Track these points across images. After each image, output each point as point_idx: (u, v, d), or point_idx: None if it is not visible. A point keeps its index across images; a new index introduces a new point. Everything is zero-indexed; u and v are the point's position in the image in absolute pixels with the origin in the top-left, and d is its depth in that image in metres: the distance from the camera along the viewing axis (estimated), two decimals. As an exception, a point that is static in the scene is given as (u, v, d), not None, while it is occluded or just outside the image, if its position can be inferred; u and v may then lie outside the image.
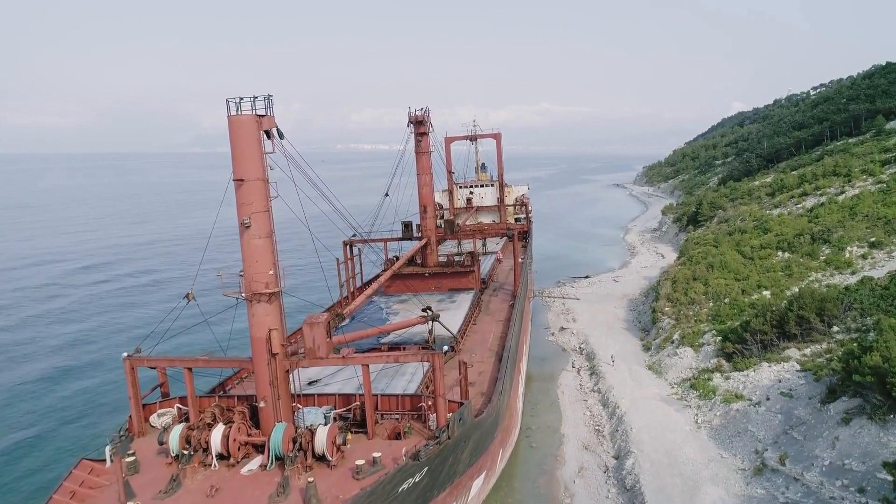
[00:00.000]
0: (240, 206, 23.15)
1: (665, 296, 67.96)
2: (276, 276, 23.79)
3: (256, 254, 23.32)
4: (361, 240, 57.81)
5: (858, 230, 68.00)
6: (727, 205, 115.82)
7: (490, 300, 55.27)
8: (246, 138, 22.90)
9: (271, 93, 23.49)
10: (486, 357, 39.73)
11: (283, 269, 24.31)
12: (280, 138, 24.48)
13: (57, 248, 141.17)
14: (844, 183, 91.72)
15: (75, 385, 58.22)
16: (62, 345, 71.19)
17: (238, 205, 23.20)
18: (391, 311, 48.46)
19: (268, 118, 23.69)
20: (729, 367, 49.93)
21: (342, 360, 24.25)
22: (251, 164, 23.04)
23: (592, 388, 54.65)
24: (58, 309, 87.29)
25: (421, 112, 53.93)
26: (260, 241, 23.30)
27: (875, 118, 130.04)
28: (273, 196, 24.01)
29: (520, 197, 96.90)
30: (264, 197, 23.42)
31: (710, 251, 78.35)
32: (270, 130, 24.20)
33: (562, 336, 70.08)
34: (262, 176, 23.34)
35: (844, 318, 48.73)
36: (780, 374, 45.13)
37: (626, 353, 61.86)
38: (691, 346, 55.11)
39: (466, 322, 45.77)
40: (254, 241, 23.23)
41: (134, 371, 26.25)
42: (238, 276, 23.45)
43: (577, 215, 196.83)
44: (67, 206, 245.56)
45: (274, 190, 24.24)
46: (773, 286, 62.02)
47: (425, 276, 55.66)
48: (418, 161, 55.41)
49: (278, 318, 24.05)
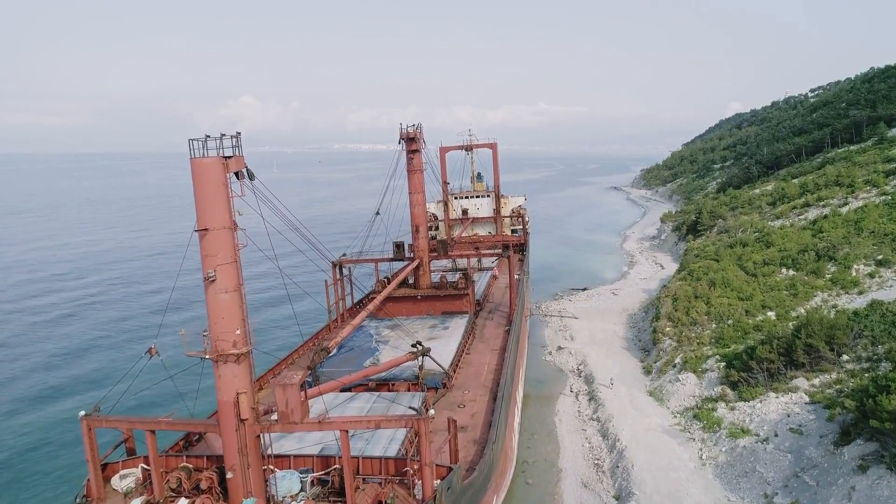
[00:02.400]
0: (204, 258, 20.92)
1: (666, 315, 65.86)
2: (244, 334, 21.57)
3: (223, 310, 21.10)
4: (351, 260, 55.80)
5: (865, 247, 65.99)
6: (727, 214, 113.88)
7: (485, 324, 53.08)
8: (211, 183, 20.67)
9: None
10: (479, 394, 37.56)
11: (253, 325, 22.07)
12: (250, 179, 22.24)
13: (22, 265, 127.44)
14: (848, 194, 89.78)
15: (26, 445, 49.81)
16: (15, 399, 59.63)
17: (202, 256, 20.97)
18: (381, 339, 46.24)
19: (236, 159, 21.46)
20: (734, 395, 47.84)
21: (318, 425, 22.07)
22: (217, 211, 20.81)
23: (591, 416, 52.50)
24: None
25: (413, 128, 51.77)
26: (226, 296, 21.07)
27: (877, 125, 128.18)
28: (242, 245, 21.75)
29: (516, 208, 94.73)
30: (231, 247, 21.19)
31: (711, 266, 76.30)
32: (241, 171, 21.96)
33: (559, 356, 67.92)
34: (229, 223, 21.10)
35: (854, 346, 46.68)
36: (789, 406, 43.05)
37: (626, 375, 59.78)
38: (694, 371, 53.00)
39: (459, 352, 43.59)
40: (220, 296, 21.00)
41: (91, 432, 23.99)
42: (202, 335, 21.22)
43: (574, 220, 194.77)
44: (53, 211, 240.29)
45: (243, 237, 21.99)
46: (778, 307, 59.99)
47: (417, 299, 53.45)
48: (410, 179, 53.23)
49: (247, 380, 21.82)
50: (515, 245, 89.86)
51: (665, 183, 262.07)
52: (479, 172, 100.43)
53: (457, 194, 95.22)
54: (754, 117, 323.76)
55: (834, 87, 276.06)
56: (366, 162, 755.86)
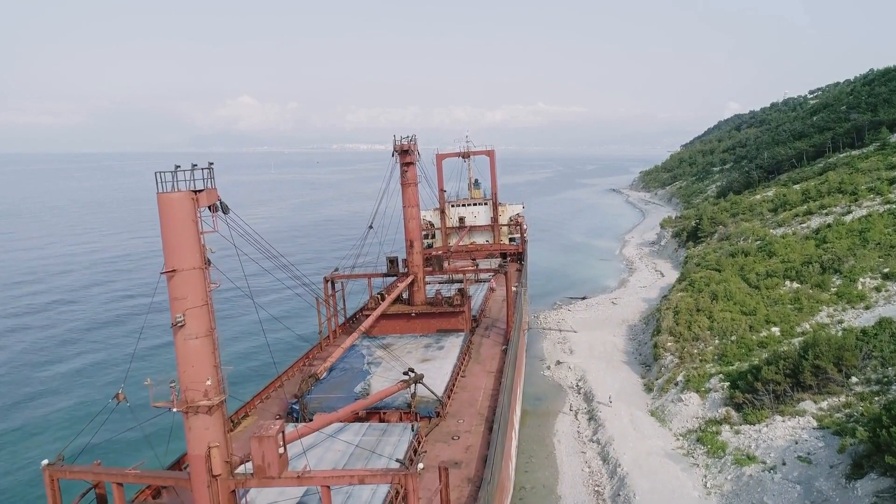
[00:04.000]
0: (172, 302, 19.24)
1: (667, 329, 64.23)
2: (217, 382, 19.89)
3: (193, 357, 19.42)
4: (343, 275, 54.19)
5: (871, 259, 64.45)
6: (728, 220, 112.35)
7: (481, 342, 51.42)
8: (179, 220, 18.98)
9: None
10: (474, 424, 35.91)
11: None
12: (224, 213, 20.56)
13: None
14: (851, 202, 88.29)
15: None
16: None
17: (170, 299, 19.28)
18: (373, 360, 44.53)
19: (208, 192, 19.78)
20: (738, 418, 46.27)
21: (297, 480, 20.40)
22: (186, 250, 19.13)
23: (591, 438, 50.85)
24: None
25: (407, 141, 50.15)
26: (197, 342, 19.39)
27: (879, 130, 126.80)
28: (214, 285, 20.06)
29: (514, 216, 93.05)
30: (202, 288, 19.51)
31: (712, 277, 74.72)
32: (214, 204, 20.27)
33: (558, 371, 66.30)
34: (200, 263, 19.41)
35: (863, 367, 45.13)
36: (796, 431, 41.51)
37: (627, 392, 58.18)
38: (697, 391, 51.40)
39: (454, 375, 41.92)
40: (189, 342, 19.32)
41: (55, 483, 22.32)
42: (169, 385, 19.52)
43: (573, 224, 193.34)
44: (42, 215, 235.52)
45: (217, 274, 20.31)
46: (783, 322, 58.42)
47: (412, 317, 51.78)
48: (404, 193, 51.58)
49: (220, 432, 20.14)
50: (513, 254, 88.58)
51: (664, 185, 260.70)
52: (476, 179, 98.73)
53: (454, 202, 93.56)
54: (753, 119, 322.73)
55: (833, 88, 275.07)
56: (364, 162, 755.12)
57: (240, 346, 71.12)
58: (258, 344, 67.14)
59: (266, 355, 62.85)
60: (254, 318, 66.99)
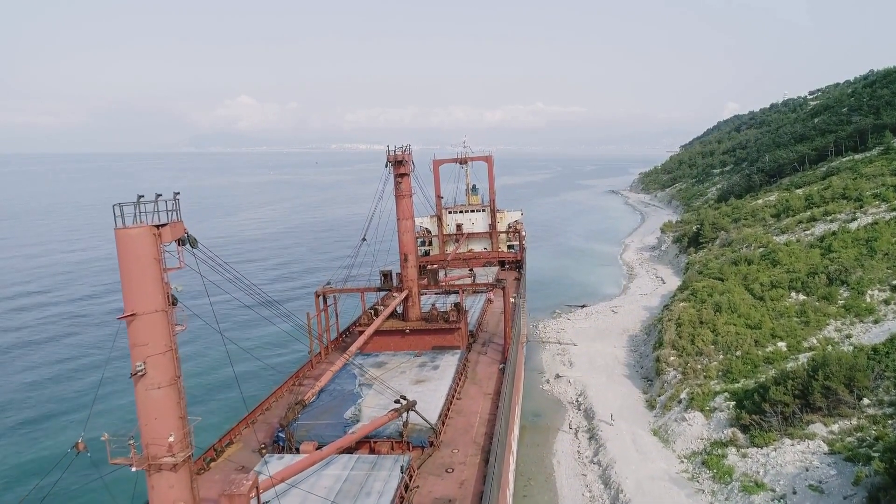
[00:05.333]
0: (132, 349, 17.39)
1: (669, 342, 62.45)
2: (183, 436, 18.06)
3: (155, 409, 17.60)
4: (336, 290, 52.33)
5: (879, 271, 62.72)
6: (730, 226, 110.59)
7: (478, 360, 49.55)
8: (139, 259, 17.13)
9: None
10: (469, 454, 34.05)
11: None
12: (192, 246, 18.71)
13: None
14: (856, 209, 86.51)
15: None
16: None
17: (130, 346, 17.44)
18: (365, 382, 42.62)
19: (172, 226, 17.93)
20: (745, 440, 44.53)
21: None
22: (147, 292, 17.28)
23: (592, 459, 49.05)
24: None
25: (401, 151, 48.27)
26: (160, 393, 17.56)
27: (882, 133, 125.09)
28: (180, 327, 18.22)
29: (513, 223, 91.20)
30: (165, 333, 17.67)
31: (715, 287, 72.89)
32: (181, 238, 18.43)
33: (558, 385, 64.53)
34: (163, 305, 17.56)
35: (875, 388, 43.40)
36: (806, 456, 39.76)
37: (628, 409, 56.44)
38: (701, 410, 49.62)
39: (449, 398, 40.05)
40: (151, 393, 17.48)
41: None
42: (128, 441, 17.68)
43: (572, 227, 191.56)
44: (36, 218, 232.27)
45: (184, 314, 18.46)
46: (789, 336, 56.72)
47: (406, 333, 49.91)
48: (398, 205, 49.72)
49: (187, 491, 18.32)
50: (512, 262, 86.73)
51: (664, 188, 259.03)
52: (474, 185, 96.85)
53: (451, 208, 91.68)
54: (753, 120, 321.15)
55: (833, 89, 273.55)
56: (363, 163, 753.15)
57: (221, 373, 65.84)
58: (244, 370, 63.42)
59: (253, 381, 60.42)
60: (237, 347, 61.89)
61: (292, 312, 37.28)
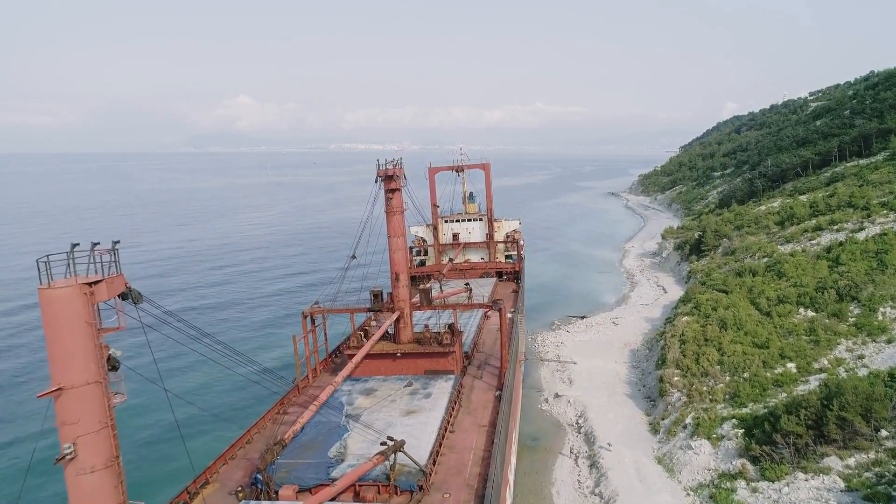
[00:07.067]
0: (60, 427, 14.89)
1: (673, 361, 60.01)
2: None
3: (89, 497, 15.07)
4: (324, 310, 49.92)
5: (891, 286, 60.30)
6: (732, 233, 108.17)
7: (473, 385, 47.08)
8: (66, 323, 14.59)
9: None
10: (462, 500, 31.58)
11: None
12: (136, 303, 16.20)
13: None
14: (863, 217, 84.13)
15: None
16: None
17: (57, 424, 14.93)
18: (352, 413, 40.16)
19: (109, 280, 15.39)
20: (755, 472, 42.06)
21: None
22: (76, 361, 14.76)
23: (593, 490, 46.56)
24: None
25: (392, 166, 45.77)
26: (93, 479, 15.05)
27: (888, 138, 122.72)
28: (119, 398, 15.71)
29: (511, 233, 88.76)
30: (100, 408, 15.16)
31: (720, 300, 70.49)
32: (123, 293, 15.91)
33: (557, 405, 62.04)
34: (97, 376, 15.05)
35: (893, 418, 40.92)
36: (822, 493, 37.34)
37: (631, 433, 53.97)
38: (708, 437, 47.13)
39: (441, 432, 37.58)
40: (83, 478, 14.97)
41: None
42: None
43: (571, 231, 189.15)
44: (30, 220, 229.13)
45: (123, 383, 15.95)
46: (798, 357, 54.26)
47: (397, 356, 47.43)
48: (389, 222, 47.23)
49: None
50: (510, 273, 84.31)
51: (664, 190, 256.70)
52: (470, 192, 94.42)
53: (447, 217, 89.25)
54: (753, 121, 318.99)
55: (834, 90, 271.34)
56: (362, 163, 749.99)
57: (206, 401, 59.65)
58: (223, 403, 60.03)
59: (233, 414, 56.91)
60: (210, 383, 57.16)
61: (278, 333, 34.73)
